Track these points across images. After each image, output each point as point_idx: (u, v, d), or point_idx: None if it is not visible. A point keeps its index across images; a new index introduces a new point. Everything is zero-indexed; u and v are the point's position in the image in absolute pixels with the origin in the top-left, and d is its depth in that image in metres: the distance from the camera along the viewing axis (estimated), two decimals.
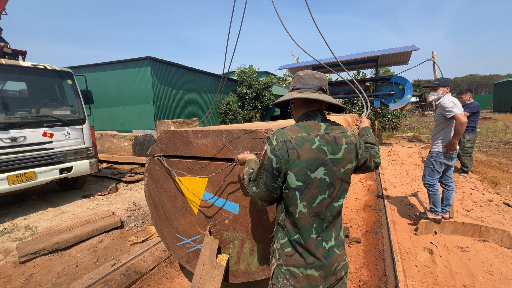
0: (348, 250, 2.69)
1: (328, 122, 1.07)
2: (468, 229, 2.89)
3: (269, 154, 1.00)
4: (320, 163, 0.98)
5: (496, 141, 9.40)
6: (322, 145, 0.98)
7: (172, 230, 2.02)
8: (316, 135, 0.99)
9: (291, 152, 0.96)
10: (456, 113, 2.75)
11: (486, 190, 4.21)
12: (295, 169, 0.97)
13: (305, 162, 0.96)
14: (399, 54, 9.20)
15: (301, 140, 0.98)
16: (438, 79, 3.08)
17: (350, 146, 1.04)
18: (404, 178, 5.29)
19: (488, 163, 6.02)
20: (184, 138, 1.82)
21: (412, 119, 20.16)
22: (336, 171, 1.00)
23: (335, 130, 1.05)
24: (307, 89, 1.06)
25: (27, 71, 4.56)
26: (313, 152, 0.97)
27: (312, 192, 0.99)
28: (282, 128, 1.03)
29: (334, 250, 1.04)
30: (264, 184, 1.03)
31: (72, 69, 15.05)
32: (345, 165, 1.02)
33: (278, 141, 0.99)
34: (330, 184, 1.00)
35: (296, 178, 0.97)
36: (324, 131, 1.02)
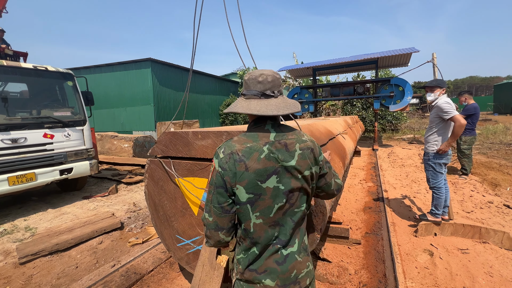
0: (348, 252, 2.69)
1: (280, 128, 1.01)
2: (468, 231, 2.89)
3: (218, 168, 0.95)
4: (271, 172, 0.93)
5: (496, 143, 9.40)
6: (272, 152, 0.93)
7: (172, 231, 2.02)
8: (265, 143, 0.94)
9: (238, 164, 0.91)
10: (454, 115, 2.76)
11: (486, 192, 4.21)
12: (244, 182, 0.92)
13: (254, 174, 0.91)
14: (399, 56, 9.23)
15: (248, 151, 0.92)
16: (435, 80, 3.10)
17: (305, 151, 0.98)
18: (404, 179, 5.29)
19: (488, 164, 6.01)
20: (185, 140, 1.83)
21: (412, 120, 20.16)
22: (292, 178, 0.96)
23: (288, 136, 0.99)
24: (249, 96, 0.99)
25: (29, 72, 4.58)
26: (262, 162, 0.92)
27: (267, 203, 0.94)
28: (230, 139, 0.99)
29: (294, 256, 0.99)
30: (217, 205, 0.96)
31: (73, 70, 15.12)
32: (302, 171, 0.97)
33: (225, 153, 0.94)
34: (288, 192, 0.95)
35: (246, 191, 0.92)
36: (274, 138, 0.96)
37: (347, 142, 3.84)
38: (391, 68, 11.29)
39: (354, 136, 5.70)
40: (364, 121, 14.14)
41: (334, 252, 2.65)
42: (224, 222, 0.98)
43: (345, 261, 2.50)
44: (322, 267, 2.36)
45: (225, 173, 0.93)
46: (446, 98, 2.91)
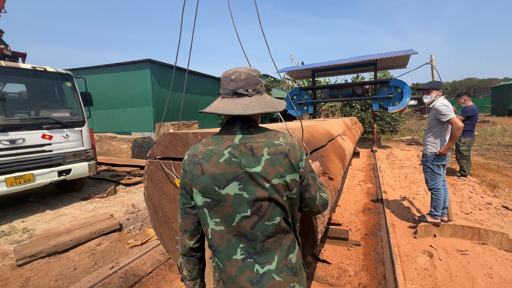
0: (347, 253, 2.68)
1: (250, 130, 0.92)
2: (467, 232, 2.90)
3: (182, 169, 0.93)
4: (231, 177, 0.85)
5: (494, 144, 9.45)
6: (234, 157, 0.86)
7: (171, 233, 2.01)
8: (227, 147, 0.88)
9: (194, 167, 0.88)
10: (451, 118, 2.77)
11: (485, 193, 4.22)
12: (200, 186, 0.87)
13: (211, 178, 0.86)
14: (398, 57, 9.27)
15: (208, 154, 0.88)
16: (431, 82, 3.12)
17: (277, 157, 0.87)
18: (403, 181, 5.30)
19: (487, 166, 6.04)
20: (184, 141, 1.83)
21: (410, 122, 20.26)
22: (258, 186, 0.85)
23: (256, 138, 0.90)
24: (223, 95, 0.94)
25: (27, 73, 4.57)
26: (221, 166, 0.86)
27: (227, 210, 0.86)
28: (199, 141, 0.95)
29: (272, 275, 0.87)
30: (182, 206, 0.94)
31: (72, 71, 15.10)
32: (269, 179, 0.85)
33: (189, 155, 0.91)
34: (253, 201, 0.86)
35: (202, 195, 0.88)
36: (239, 141, 0.89)
37: (346, 144, 3.85)
38: (390, 69, 11.34)
39: (353, 138, 5.71)
40: (363, 122, 14.18)
41: (334, 254, 2.64)
42: (187, 224, 0.95)
43: (345, 263, 2.49)
44: (322, 269, 2.35)
45: (185, 175, 0.91)
46: (443, 100, 2.92)
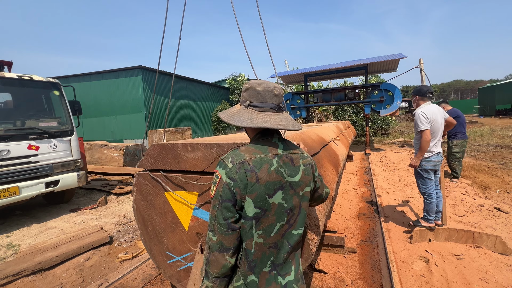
0: (343, 261, 2.64)
1: (285, 142, 1.00)
2: (461, 236, 2.90)
3: (225, 179, 0.87)
4: (278, 186, 0.89)
5: (483, 145, 9.65)
6: (280, 166, 0.90)
7: (162, 248, 1.94)
8: (274, 156, 0.91)
9: (249, 175, 0.86)
10: (422, 129, 2.81)
11: (477, 195, 4.27)
12: (254, 195, 0.86)
13: (264, 186, 0.87)
14: (388, 62, 9.44)
15: (259, 162, 0.88)
16: (415, 88, 3.14)
17: (308, 167, 0.98)
18: (397, 184, 5.32)
19: (477, 167, 6.14)
20: (174, 152, 1.77)
21: (402, 124, 20.58)
22: (294, 195, 0.93)
23: (293, 150, 0.98)
24: (266, 109, 0.95)
25: (13, 82, 4.44)
26: (272, 175, 0.88)
27: (270, 220, 0.88)
28: (236, 149, 0.93)
29: (292, 286, 0.92)
30: (223, 221, 0.87)
31: (62, 78, 14.83)
32: (303, 188, 0.95)
33: (234, 163, 0.88)
34: (289, 210, 0.91)
35: (254, 205, 0.86)
36: (282, 151, 0.94)
37: (340, 149, 3.84)
38: (380, 73, 11.54)
39: (347, 142, 5.73)
40: (356, 125, 14.33)
41: (330, 262, 2.60)
42: (230, 241, 0.88)
43: (341, 271, 2.45)
44: (318, 279, 2.30)
45: (236, 184, 0.86)
46: (425, 108, 2.90)
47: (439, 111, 2.90)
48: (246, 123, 0.91)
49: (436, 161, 2.88)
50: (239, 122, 0.92)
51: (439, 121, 2.85)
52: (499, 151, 8.15)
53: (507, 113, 25.62)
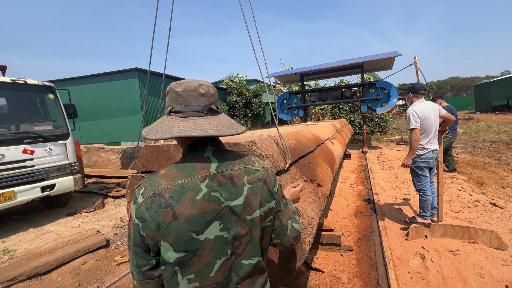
0: (340, 259, 2.65)
1: (224, 155, 0.79)
2: (457, 232, 2.91)
3: (134, 218, 0.69)
4: (212, 217, 0.70)
5: (479, 141, 9.71)
6: (214, 190, 0.72)
7: None
8: (203, 179, 0.72)
9: (162, 212, 0.66)
10: (412, 128, 2.84)
11: (473, 191, 4.29)
12: (172, 236, 0.66)
13: (187, 223, 0.67)
14: (383, 60, 9.48)
15: (179, 191, 0.69)
16: (410, 85, 3.16)
17: (257, 185, 0.78)
18: (394, 181, 5.34)
19: (473, 163, 6.17)
20: (166, 153, 1.77)
21: (399, 121, 20.67)
22: (239, 221, 0.74)
23: (234, 165, 0.77)
24: (190, 113, 0.75)
25: (6, 86, 4.41)
26: (200, 205, 0.69)
27: (205, 260, 0.70)
28: (154, 173, 0.74)
29: None
30: (137, 269, 0.70)
31: (58, 82, 14.73)
32: (251, 212, 0.75)
33: (146, 196, 0.69)
34: (233, 240, 0.73)
35: (174, 249, 0.67)
36: (216, 169, 0.74)
37: (335, 147, 3.85)
38: (376, 71, 11.59)
39: (343, 140, 5.74)
40: (353, 124, 14.37)
41: (327, 261, 2.60)
42: None
43: (338, 270, 2.45)
44: (315, 278, 2.30)
45: (145, 225, 0.67)
46: (417, 106, 2.91)
47: (432, 108, 2.90)
48: (164, 134, 0.72)
49: (430, 159, 2.89)
50: (156, 135, 0.73)
51: (431, 118, 2.85)
52: (495, 147, 8.20)
53: (503, 109, 25.81)
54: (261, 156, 1.42)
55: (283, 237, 0.86)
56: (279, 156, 1.60)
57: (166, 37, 2.30)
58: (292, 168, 1.78)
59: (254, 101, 19.45)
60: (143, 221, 0.67)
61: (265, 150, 1.46)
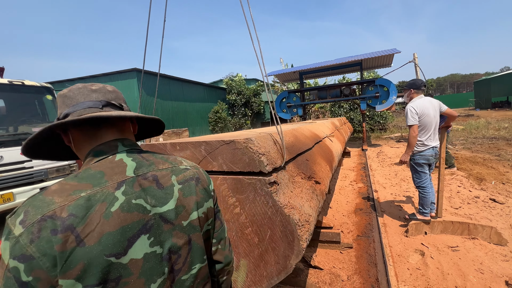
0: (340, 257, 2.64)
1: (143, 155, 0.66)
2: (457, 228, 2.90)
3: (8, 261, 0.47)
4: (137, 231, 0.55)
5: (479, 137, 9.69)
6: (135, 197, 0.57)
7: None
8: (117, 185, 0.56)
9: (59, 239, 0.47)
10: (410, 124, 2.83)
11: (473, 187, 4.28)
12: (77, 269, 0.48)
13: (100, 246, 0.50)
14: (382, 57, 9.45)
15: (83, 205, 0.51)
16: (407, 82, 3.14)
17: (189, 184, 0.67)
18: (394, 178, 5.33)
19: (473, 159, 6.16)
20: (162, 152, 1.76)
21: (399, 119, 20.65)
22: (174, 230, 0.61)
23: (157, 165, 0.65)
24: (80, 111, 0.62)
25: (4, 88, 4.40)
26: (116, 219, 0.53)
27: (134, 286, 0.53)
28: (43, 190, 0.53)
29: None
30: None
31: (57, 83, 14.69)
32: (187, 216, 0.64)
33: (28, 223, 0.48)
34: (169, 254, 0.60)
35: (84, 285, 0.48)
36: (134, 172, 0.60)
37: (334, 145, 3.84)
38: (375, 69, 11.57)
39: (342, 138, 5.73)
40: (352, 122, 14.35)
41: (326, 258, 2.60)
42: None
43: (337, 267, 2.45)
44: (314, 275, 2.29)
45: (31, 265, 0.46)
46: (415, 102, 2.89)
47: (432, 104, 2.88)
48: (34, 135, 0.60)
49: (430, 155, 2.88)
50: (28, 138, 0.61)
51: (431, 114, 2.84)
52: (495, 143, 8.19)
53: (503, 105, 25.78)
54: (257, 153, 1.41)
55: (224, 241, 0.77)
56: (276, 153, 1.59)
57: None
58: (289, 166, 1.77)
59: (254, 100, 19.44)
60: (26, 260, 0.46)
61: (261, 147, 1.46)
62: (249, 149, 1.42)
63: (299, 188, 1.66)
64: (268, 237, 1.44)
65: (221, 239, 0.77)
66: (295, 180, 1.69)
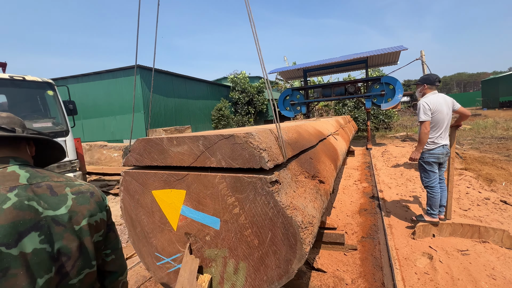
0: (343, 259, 2.54)
1: (37, 169, 0.76)
2: (467, 230, 2.78)
3: None
4: (28, 227, 0.62)
5: (487, 137, 9.46)
6: (28, 199, 0.65)
7: (151, 249, 1.85)
8: (10, 189, 0.65)
9: None
10: (422, 120, 2.71)
11: (482, 188, 4.14)
12: None
13: None
14: (388, 54, 9.26)
15: None
16: (420, 77, 3.02)
17: (83, 195, 0.76)
18: (399, 178, 5.20)
19: (482, 159, 5.99)
20: (159, 146, 1.68)
21: (404, 118, 20.36)
22: (65, 232, 0.68)
23: (52, 177, 0.75)
24: None
25: (5, 83, 4.37)
26: (8, 214, 0.61)
27: (20, 280, 0.58)
28: None
29: None
30: None
31: (60, 80, 14.74)
32: (80, 220, 0.72)
33: None
34: (58, 254, 0.66)
35: None
36: (27, 180, 0.69)
37: (339, 143, 3.73)
38: (381, 67, 11.37)
39: (347, 137, 5.60)
40: (357, 120, 14.16)
41: (330, 260, 2.50)
42: None
43: (341, 270, 2.35)
44: (317, 278, 2.21)
45: None
46: (428, 97, 2.77)
47: (445, 101, 2.75)
48: None
49: (440, 154, 2.75)
50: None
51: (444, 111, 2.71)
52: (504, 143, 7.97)
53: (511, 105, 25.24)
54: (258, 149, 1.32)
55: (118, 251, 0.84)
56: (278, 149, 1.50)
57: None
58: (292, 164, 1.67)
59: (257, 98, 19.32)
60: None
61: (262, 143, 1.36)
62: (249, 144, 1.33)
63: (302, 188, 1.56)
64: (269, 239, 1.35)
65: (115, 249, 0.84)
66: (298, 179, 1.60)
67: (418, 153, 2.79)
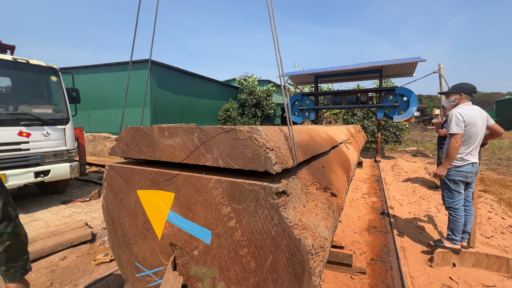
0: (350, 283, 2.25)
1: None
2: (493, 262, 2.45)
3: None
4: None
5: (504, 158, 8.99)
6: None
7: (131, 257, 1.60)
8: None
9: None
10: (453, 132, 2.40)
11: (506, 214, 3.77)
12: None
13: None
14: (405, 65, 8.94)
15: None
16: (453, 85, 2.72)
17: None
18: (411, 195, 4.85)
19: (502, 182, 5.59)
20: (149, 137, 1.44)
21: (414, 133, 19.83)
22: None
23: None
24: None
25: (7, 65, 4.23)
26: None
27: None
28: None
29: None
30: None
31: (72, 69, 14.82)
32: None
33: None
34: None
35: None
36: None
37: (351, 153, 3.44)
38: (396, 77, 11.00)
39: (358, 147, 5.29)
40: (366, 131, 13.76)
41: (335, 284, 2.21)
42: None
43: None
44: None
45: None
46: (462, 108, 2.47)
47: (481, 115, 2.44)
48: None
49: (469, 172, 2.44)
50: None
51: (478, 125, 2.40)
52: None
53: None
54: (264, 147, 1.06)
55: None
56: (288, 151, 1.24)
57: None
58: (303, 171, 1.41)
59: (265, 102, 19.13)
60: None
61: (269, 141, 1.11)
62: (254, 141, 1.07)
63: (313, 202, 1.29)
64: (269, 264, 1.08)
65: None
66: (309, 190, 1.33)
67: (445, 169, 2.47)
